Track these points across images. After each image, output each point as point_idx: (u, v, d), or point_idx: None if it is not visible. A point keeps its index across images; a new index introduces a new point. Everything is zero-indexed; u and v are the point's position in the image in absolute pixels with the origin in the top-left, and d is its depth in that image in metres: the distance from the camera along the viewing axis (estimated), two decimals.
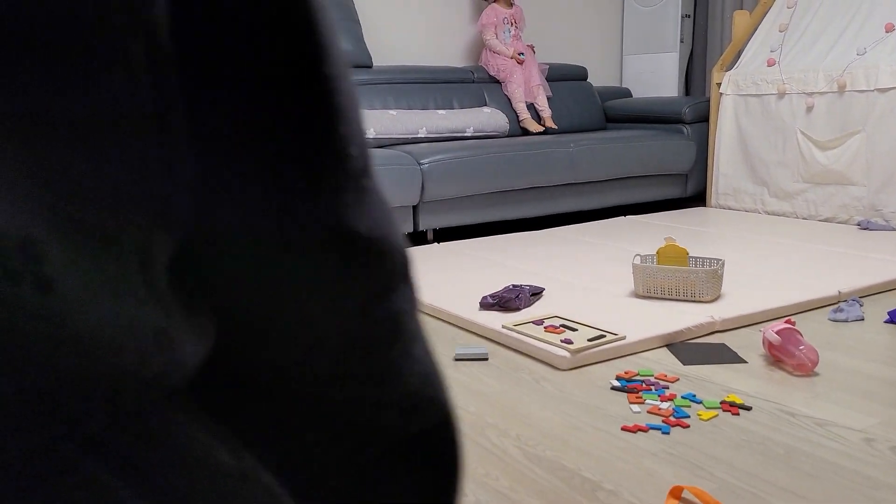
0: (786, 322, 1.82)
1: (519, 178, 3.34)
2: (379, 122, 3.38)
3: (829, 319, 2.13)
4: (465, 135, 3.66)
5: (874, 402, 1.56)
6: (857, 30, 3.43)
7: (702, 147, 3.97)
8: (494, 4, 4.09)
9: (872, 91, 3.20)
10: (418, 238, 3.26)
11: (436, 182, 3.09)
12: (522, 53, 4.02)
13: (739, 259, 2.73)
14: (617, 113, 4.38)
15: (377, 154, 3.01)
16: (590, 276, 2.55)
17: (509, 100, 4.00)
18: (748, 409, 1.55)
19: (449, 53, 4.26)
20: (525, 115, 3.95)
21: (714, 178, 3.92)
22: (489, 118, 3.76)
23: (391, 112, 3.48)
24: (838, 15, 3.54)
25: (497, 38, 4.04)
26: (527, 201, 3.44)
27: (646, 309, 2.16)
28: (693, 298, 2.21)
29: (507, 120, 3.84)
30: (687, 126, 4.01)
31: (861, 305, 2.18)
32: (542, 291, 2.32)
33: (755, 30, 3.87)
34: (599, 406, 1.59)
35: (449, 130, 3.60)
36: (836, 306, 2.19)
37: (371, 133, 3.34)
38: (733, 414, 1.53)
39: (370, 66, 3.76)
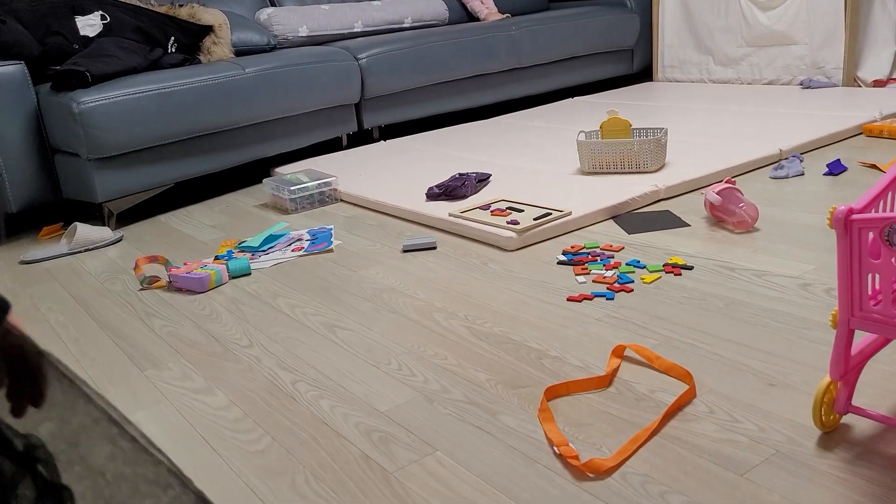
0: (726, 182, 1.84)
1: (462, 67, 3.26)
2: (311, 17, 3.24)
3: (771, 177, 2.15)
4: (404, 26, 3.53)
5: (811, 250, 1.60)
6: None
7: (646, 20, 3.89)
8: None
9: None
10: (364, 136, 3.19)
11: (376, 77, 3.01)
12: None
13: (684, 128, 2.72)
14: None
15: (312, 51, 2.90)
16: (537, 159, 2.53)
17: (461, 1, 3.85)
18: (690, 268, 1.58)
19: None
20: (482, 11, 3.82)
21: (659, 50, 3.87)
22: (427, 6, 3.62)
23: (323, 7, 3.33)
24: None
25: None
26: (472, 90, 3.37)
27: (592, 184, 2.17)
28: (638, 170, 2.22)
29: (445, 7, 3.70)
30: None
31: (801, 161, 2.21)
32: (488, 177, 2.30)
33: None
34: (546, 281, 1.61)
35: (386, 22, 3.47)
36: (776, 164, 2.21)
37: (304, 30, 3.20)
38: (676, 275, 1.56)
39: None
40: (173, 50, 2.64)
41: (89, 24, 2.41)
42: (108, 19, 2.48)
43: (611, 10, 3.82)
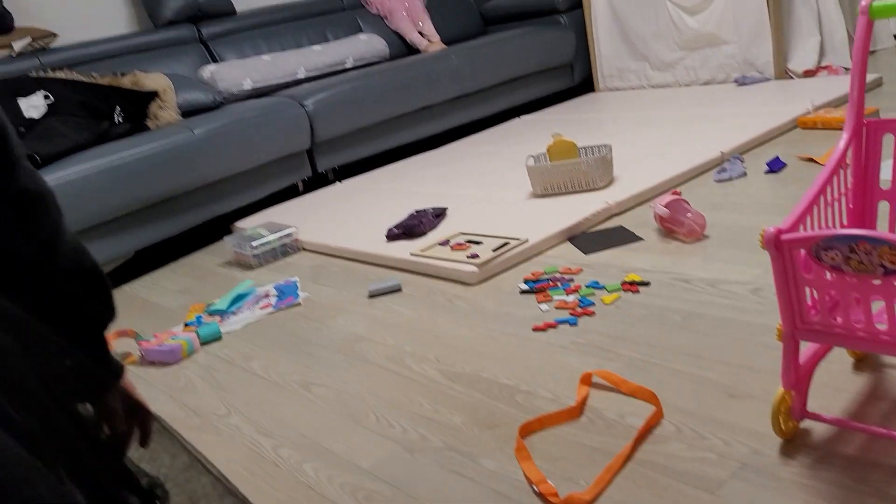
0: (672, 193, 1.91)
1: (407, 101, 3.31)
2: (254, 69, 3.27)
3: (715, 181, 2.23)
4: (346, 67, 3.57)
5: (759, 253, 1.67)
6: None
7: (581, 33, 3.99)
8: None
9: None
10: (320, 180, 3.22)
11: (324, 121, 3.04)
12: None
13: (628, 139, 2.80)
14: (494, 14, 4.34)
15: (258, 104, 2.92)
16: (489, 186, 2.59)
17: (400, 36, 3.92)
18: (647, 284, 1.64)
19: None
20: (422, 42, 3.88)
21: (597, 62, 3.97)
22: (367, 45, 3.68)
23: (265, 57, 3.36)
24: None
25: None
26: (419, 122, 3.42)
27: (545, 207, 2.22)
28: (589, 187, 2.28)
29: (384, 44, 3.76)
30: (563, 15, 4.00)
31: (743, 162, 2.29)
32: (444, 211, 2.35)
33: None
34: (510, 312, 1.65)
35: (328, 65, 3.51)
36: (719, 167, 2.29)
37: (248, 83, 3.23)
38: (633, 292, 1.61)
39: (234, 13, 3.61)
40: (120, 120, 2.65)
41: (33, 106, 2.42)
42: (52, 99, 2.48)
43: (545, 28, 3.91)
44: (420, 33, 3.94)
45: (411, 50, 3.94)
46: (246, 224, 2.76)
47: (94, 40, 3.14)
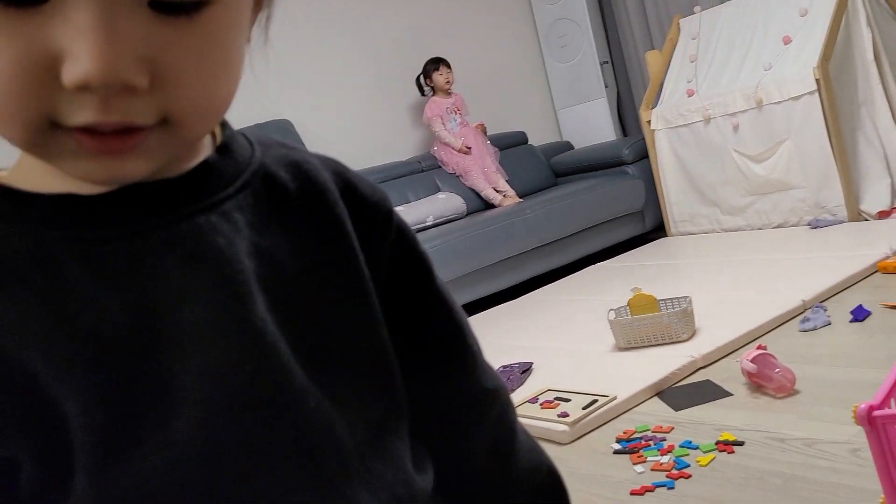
0: (758, 348, 1.94)
1: (486, 255, 3.48)
2: None
3: (800, 331, 2.25)
4: (427, 224, 3.80)
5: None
6: (759, 47, 3.67)
7: (649, 182, 4.15)
8: (434, 97, 4.30)
9: (787, 100, 3.41)
10: None
11: None
12: (469, 147, 4.21)
13: (705, 287, 2.86)
14: (563, 167, 4.58)
15: None
16: (572, 337, 2.66)
17: (476, 192, 4.18)
18: (741, 444, 1.65)
19: (397, 149, 4.44)
20: (497, 198, 4.12)
21: (668, 208, 4.09)
22: (446, 203, 3.92)
23: None
24: (738, 37, 3.79)
25: (445, 128, 4.24)
26: (498, 274, 3.57)
27: (630, 361, 2.27)
28: (671, 340, 2.33)
29: (462, 201, 4.00)
30: (630, 166, 4.20)
31: (825, 310, 2.31)
32: (530, 366, 2.42)
33: (668, 65, 4.11)
34: (606, 473, 1.68)
35: (411, 224, 3.73)
36: (802, 316, 2.32)
37: None
38: (728, 452, 1.63)
39: None
40: None
41: None
42: None
43: (615, 179, 4.10)
44: (495, 189, 4.17)
45: (487, 205, 4.16)
46: None
47: None
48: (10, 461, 0.43)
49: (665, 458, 1.67)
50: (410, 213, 3.77)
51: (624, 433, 1.85)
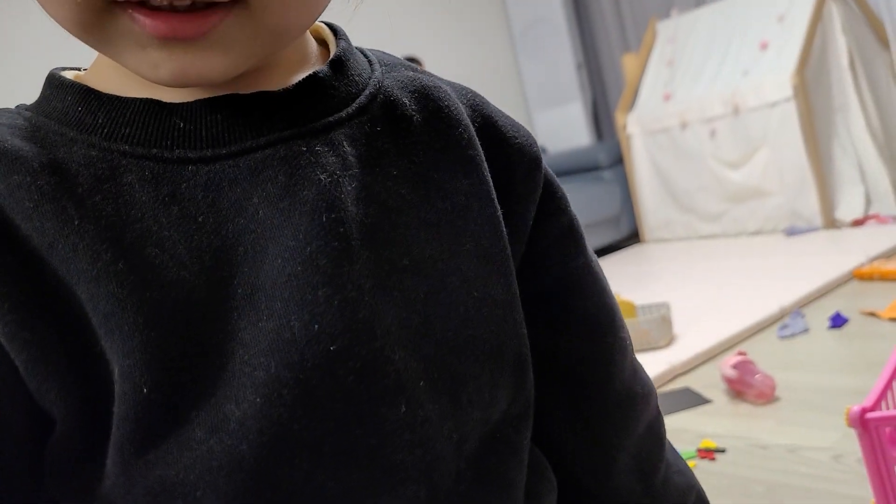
0: (738, 354, 1.91)
1: None
2: None
3: (779, 337, 2.23)
4: None
5: (834, 415, 1.64)
6: (736, 52, 3.67)
7: (625, 187, 4.14)
8: None
9: (764, 107, 3.41)
10: None
11: None
12: None
13: (683, 294, 2.83)
14: None
15: None
16: None
17: None
18: (722, 451, 1.62)
19: None
20: None
21: (643, 215, 4.08)
22: None
23: None
24: (716, 41, 3.79)
25: None
26: None
27: None
28: (650, 347, 2.30)
29: None
30: (606, 171, 4.18)
31: (803, 317, 2.30)
32: None
33: (645, 69, 4.10)
34: None
35: None
36: (781, 322, 2.30)
37: None
38: (710, 460, 1.59)
39: None
40: None
41: None
42: None
43: (590, 184, 4.08)
44: None
45: None
46: None
47: None
48: (43, 420, 0.35)
49: None
50: None
51: None
